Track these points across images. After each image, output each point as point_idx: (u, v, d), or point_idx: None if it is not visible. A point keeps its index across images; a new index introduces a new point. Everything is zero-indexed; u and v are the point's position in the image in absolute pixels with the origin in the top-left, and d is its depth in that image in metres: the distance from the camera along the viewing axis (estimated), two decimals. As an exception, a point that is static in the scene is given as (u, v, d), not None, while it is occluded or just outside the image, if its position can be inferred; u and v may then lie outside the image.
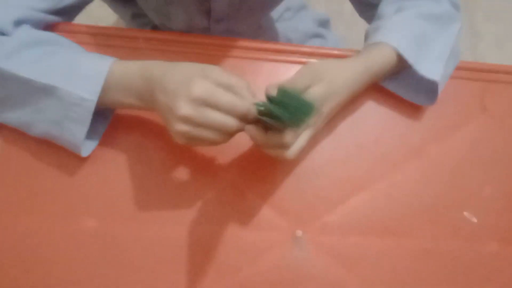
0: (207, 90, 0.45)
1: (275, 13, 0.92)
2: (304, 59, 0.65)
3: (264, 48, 0.66)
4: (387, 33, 0.59)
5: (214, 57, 0.64)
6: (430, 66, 0.58)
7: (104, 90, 0.52)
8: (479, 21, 1.68)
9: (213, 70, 0.47)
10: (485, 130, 0.64)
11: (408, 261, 0.59)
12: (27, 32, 0.56)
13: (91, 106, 0.52)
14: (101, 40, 0.64)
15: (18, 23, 0.56)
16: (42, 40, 0.56)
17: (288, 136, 0.47)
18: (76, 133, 0.53)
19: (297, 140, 0.49)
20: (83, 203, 0.57)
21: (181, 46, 0.64)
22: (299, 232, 0.58)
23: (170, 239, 0.57)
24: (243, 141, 0.59)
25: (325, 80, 0.52)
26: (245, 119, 0.47)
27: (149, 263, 0.56)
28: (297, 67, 0.64)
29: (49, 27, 0.62)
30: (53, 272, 0.55)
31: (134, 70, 0.51)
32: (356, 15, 0.79)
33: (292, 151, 0.49)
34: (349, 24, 1.44)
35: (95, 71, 0.52)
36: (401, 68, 0.60)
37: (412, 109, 0.63)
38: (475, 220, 0.60)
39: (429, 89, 0.60)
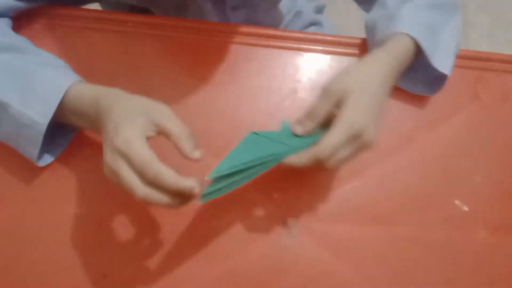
0: (127, 142, 0.42)
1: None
2: (304, 46, 0.64)
3: (259, 34, 0.65)
4: (404, 24, 0.56)
5: (206, 42, 0.63)
6: (442, 58, 0.57)
7: (57, 113, 0.50)
8: (472, 11, 1.68)
9: (157, 111, 0.44)
10: (477, 119, 0.64)
11: (399, 249, 0.59)
12: None
13: (42, 129, 0.50)
14: (90, 23, 0.62)
15: None
16: (8, 46, 0.52)
17: (322, 155, 0.46)
18: (29, 151, 0.53)
19: (340, 152, 0.48)
20: (72, 189, 0.57)
21: (172, 30, 0.63)
22: (290, 220, 0.58)
23: (160, 226, 0.56)
24: (230, 129, 0.59)
25: (354, 93, 0.49)
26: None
27: (139, 250, 0.56)
28: (295, 54, 0.63)
29: (27, 13, 0.58)
30: (40, 259, 0.55)
31: (88, 98, 0.49)
32: (349, 3, 0.78)
33: (332, 164, 0.48)
34: (341, 12, 1.43)
35: (50, 94, 0.50)
36: (414, 60, 0.58)
37: (404, 97, 0.63)
38: (466, 208, 0.60)
39: (434, 81, 0.59)
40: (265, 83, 0.62)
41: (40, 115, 0.50)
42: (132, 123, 0.43)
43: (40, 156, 0.54)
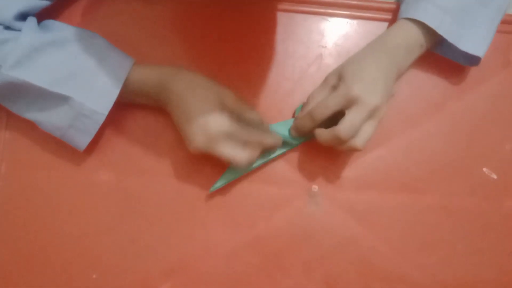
0: (223, 126, 0.50)
1: None
2: (330, 10, 0.62)
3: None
4: (422, 8, 0.55)
5: (230, 8, 0.62)
6: (475, 40, 0.56)
7: (118, 96, 0.52)
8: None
9: (228, 96, 0.53)
10: (508, 85, 0.62)
11: (424, 218, 0.58)
12: (36, 32, 0.51)
13: (101, 120, 0.52)
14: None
15: (22, 15, 0.52)
16: (55, 41, 0.51)
17: (340, 132, 0.49)
18: (78, 141, 0.53)
19: (361, 130, 0.50)
20: (98, 157, 0.57)
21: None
22: (315, 187, 0.58)
23: (186, 193, 0.56)
24: (255, 95, 0.58)
25: (348, 70, 0.52)
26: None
27: (165, 217, 0.56)
28: (320, 19, 0.61)
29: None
30: (67, 224, 0.56)
31: (152, 82, 0.53)
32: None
33: (357, 142, 0.50)
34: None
35: (110, 85, 0.51)
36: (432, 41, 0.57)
37: (432, 63, 0.61)
38: (494, 176, 0.59)
39: (470, 56, 0.57)
40: (290, 49, 0.60)
41: (101, 106, 0.51)
42: (215, 114, 0.50)
43: None
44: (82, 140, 0.53)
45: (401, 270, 0.57)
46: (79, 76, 0.51)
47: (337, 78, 0.53)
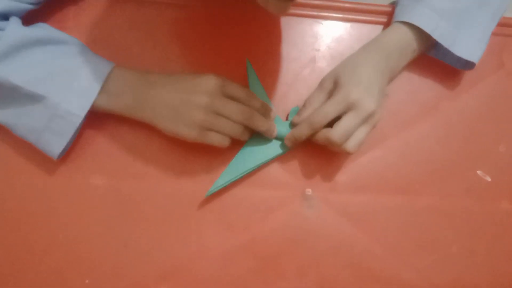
0: (222, 83, 0.51)
1: None
2: (323, 13, 0.62)
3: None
4: (416, 11, 0.55)
5: (223, 11, 0.62)
6: (468, 45, 0.56)
7: (93, 102, 0.51)
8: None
9: (208, 81, 0.51)
10: (502, 87, 0.62)
11: (419, 220, 0.58)
12: (20, 30, 0.50)
13: (77, 121, 0.50)
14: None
15: (4, 15, 0.51)
16: (38, 39, 0.51)
17: (334, 136, 0.50)
18: (53, 144, 0.52)
19: (355, 135, 0.51)
20: (91, 162, 0.57)
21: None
22: (309, 191, 0.58)
23: (181, 197, 0.56)
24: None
25: (344, 74, 0.53)
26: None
27: (159, 221, 0.56)
28: (313, 22, 0.61)
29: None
30: (60, 229, 0.55)
31: (131, 77, 0.52)
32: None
33: (349, 146, 0.51)
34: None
35: (88, 87, 0.50)
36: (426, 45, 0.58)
37: (426, 65, 0.61)
38: (488, 179, 0.59)
39: (465, 61, 0.58)
40: (283, 52, 0.60)
41: (77, 107, 0.50)
42: (212, 75, 0.51)
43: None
44: (57, 145, 0.52)
45: (396, 272, 0.57)
46: (57, 77, 0.50)
47: (333, 82, 0.53)
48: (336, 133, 0.50)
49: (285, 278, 0.56)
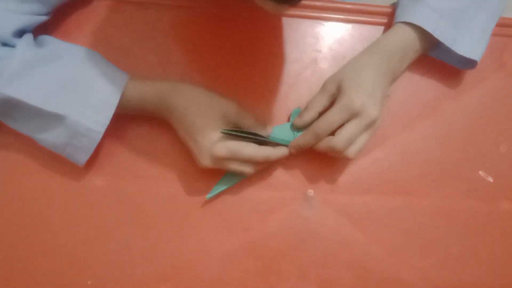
0: (228, 150, 0.50)
1: None
2: (325, 14, 0.62)
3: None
4: (417, 11, 0.55)
5: (224, 12, 0.62)
6: (470, 44, 0.56)
7: (115, 113, 0.51)
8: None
9: (230, 108, 0.52)
10: (503, 87, 0.62)
11: (420, 221, 0.58)
12: (30, 48, 0.50)
13: (98, 138, 0.51)
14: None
15: (20, 32, 0.52)
16: (47, 56, 0.51)
17: (337, 145, 0.50)
18: (77, 157, 0.53)
19: (356, 141, 0.51)
20: (93, 163, 0.57)
21: (189, 0, 0.62)
22: (310, 192, 0.58)
23: (181, 199, 0.56)
24: (250, 99, 0.58)
25: (348, 79, 0.52)
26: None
27: (160, 222, 0.56)
28: (315, 23, 0.61)
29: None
30: (62, 231, 0.55)
31: (152, 96, 0.53)
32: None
33: (351, 153, 0.51)
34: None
35: (105, 102, 0.51)
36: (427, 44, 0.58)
37: (427, 66, 0.61)
38: (490, 179, 0.59)
39: (466, 60, 0.58)
40: (285, 53, 0.60)
41: (96, 124, 0.50)
42: (216, 126, 0.51)
43: None
44: (81, 157, 0.53)
45: (397, 273, 0.57)
46: (72, 91, 0.50)
47: (336, 86, 0.53)
48: (339, 141, 0.50)
49: (286, 279, 0.56)
